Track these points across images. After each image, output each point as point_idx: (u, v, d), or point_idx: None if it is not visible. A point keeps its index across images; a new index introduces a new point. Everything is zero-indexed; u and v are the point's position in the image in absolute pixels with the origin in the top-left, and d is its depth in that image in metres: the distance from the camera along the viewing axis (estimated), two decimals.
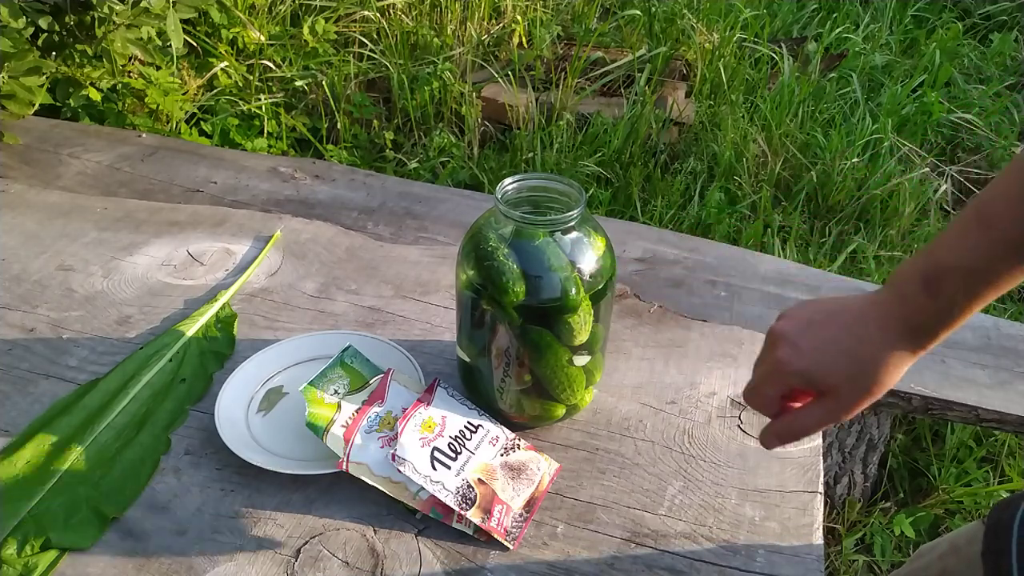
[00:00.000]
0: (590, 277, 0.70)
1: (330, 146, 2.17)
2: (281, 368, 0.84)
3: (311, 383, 0.75)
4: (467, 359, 0.78)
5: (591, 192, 2.01)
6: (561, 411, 0.78)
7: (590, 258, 0.71)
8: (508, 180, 0.71)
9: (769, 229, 1.94)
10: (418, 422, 0.72)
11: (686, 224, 1.97)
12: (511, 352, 0.72)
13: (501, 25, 2.59)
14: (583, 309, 0.70)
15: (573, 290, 0.69)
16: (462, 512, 0.68)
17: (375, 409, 0.73)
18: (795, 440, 0.58)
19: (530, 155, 2.13)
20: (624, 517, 0.71)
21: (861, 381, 0.54)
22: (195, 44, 2.20)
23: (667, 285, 1.09)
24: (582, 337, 0.71)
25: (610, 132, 2.19)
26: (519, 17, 2.56)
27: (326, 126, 2.23)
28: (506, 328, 0.70)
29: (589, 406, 0.82)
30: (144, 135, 1.45)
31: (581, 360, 0.74)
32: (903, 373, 0.55)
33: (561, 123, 2.19)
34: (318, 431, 0.71)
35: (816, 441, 0.79)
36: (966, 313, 0.53)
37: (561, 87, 2.28)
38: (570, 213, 0.69)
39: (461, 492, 0.69)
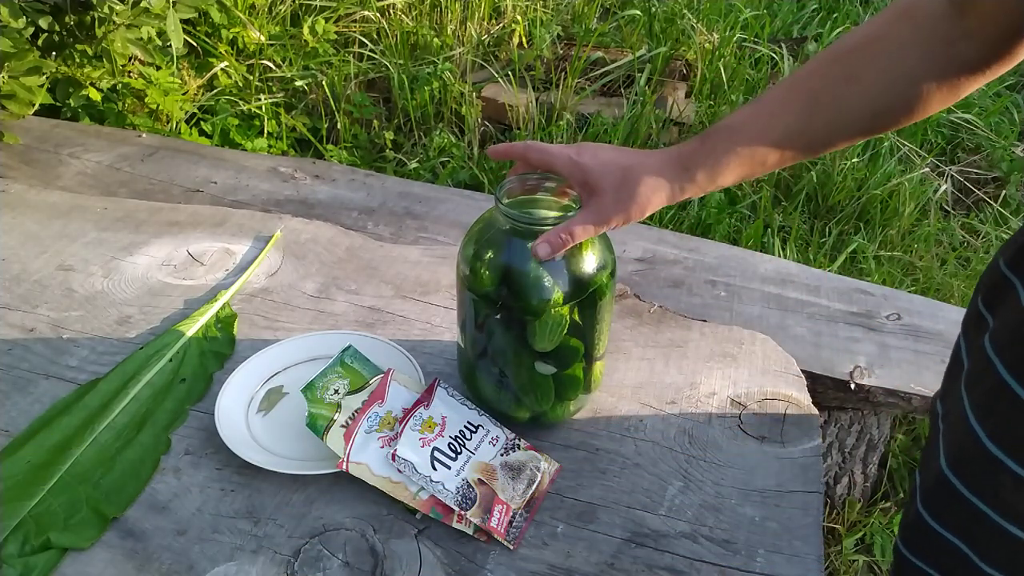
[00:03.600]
0: (589, 277, 0.70)
1: (330, 146, 2.17)
2: (281, 368, 0.84)
3: (311, 383, 0.75)
4: (466, 356, 0.78)
5: None
6: (560, 412, 0.77)
7: (590, 258, 0.71)
8: (509, 180, 0.71)
9: (769, 229, 1.94)
10: (418, 422, 0.72)
11: (686, 224, 1.97)
12: (507, 352, 0.72)
13: (501, 25, 2.59)
14: (550, 317, 0.69)
15: (537, 295, 0.68)
16: (462, 512, 0.68)
17: (375, 409, 0.73)
18: (563, 245, 0.66)
19: None
20: (624, 517, 0.71)
21: (624, 192, 0.64)
22: (195, 44, 2.20)
23: (667, 285, 1.09)
24: (543, 344, 0.71)
25: (610, 132, 2.19)
26: (519, 17, 2.56)
27: (326, 126, 2.23)
28: (483, 320, 0.71)
29: (589, 406, 0.81)
30: (144, 135, 1.45)
31: (545, 369, 0.73)
32: (659, 203, 0.65)
33: (561, 123, 2.19)
34: (318, 431, 0.71)
35: (816, 441, 0.79)
36: (725, 168, 0.64)
37: (561, 87, 2.28)
38: (570, 214, 0.69)
39: (461, 492, 0.69)
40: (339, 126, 2.21)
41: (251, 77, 2.22)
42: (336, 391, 0.75)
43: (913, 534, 0.62)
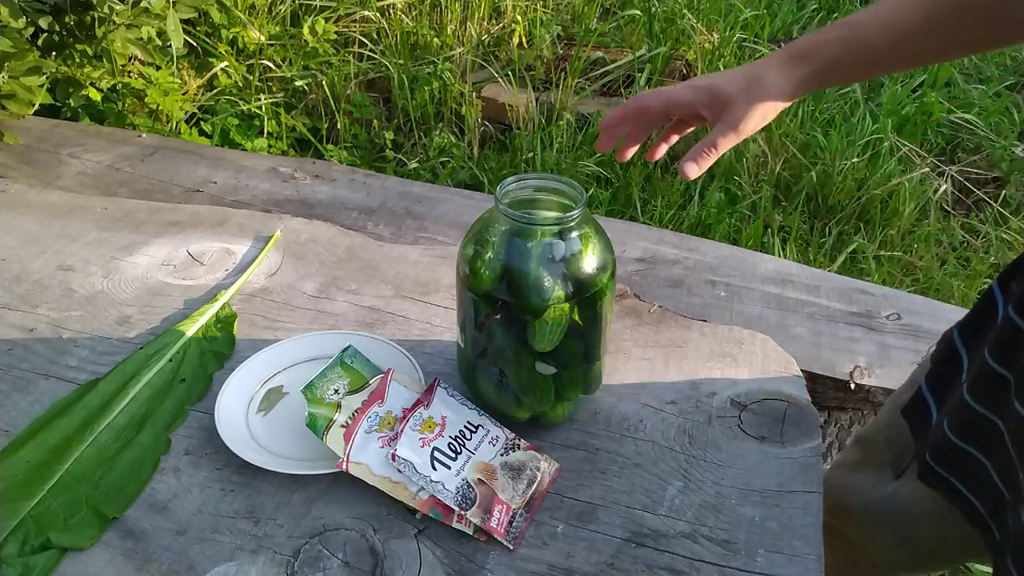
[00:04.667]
0: (590, 277, 0.70)
1: (330, 146, 2.17)
2: (281, 368, 0.84)
3: (311, 383, 0.75)
4: (466, 356, 0.78)
5: (591, 192, 2.01)
6: (560, 412, 0.77)
7: (590, 258, 0.71)
8: (509, 180, 0.71)
9: (769, 229, 1.94)
10: (418, 422, 0.72)
11: (686, 224, 1.98)
12: (507, 352, 0.72)
13: (501, 25, 2.59)
14: (550, 317, 0.69)
15: (537, 295, 0.68)
16: (462, 512, 0.68)
17: (375, 409, 0.73)
18: (709, 160, 0.67)
19: (530, 155, 2.13)
20: (624, 517, 0.71)
21: (754, 92, 0.66)
22: (195, 44, 2.20)
23: (667, 285, 1.09)
24: (542, 344, 0.71)
25: None
26: (519, 17, 2.56)
27: (326, 126, 2.23)
28: (484, 319, 0.71)
29: (589, 407, 0.81)
30: (144, 135, 1.45)
31: (545, 369, 0.73)
32: (783, 100, 0.67)
33: (561, 123, 2.19)
34: (318, 431, 0.71)
35: (816, 441, 0.79)
36: (836, 67, 0.66)
37: (561, 87, 2.28)
38: (570, 213, 0.69)
39: (461, 492, 0.69)
40: (339, 126, 2.21)
41: (251, 77, 2.22)
42: (336, 391, 0.75)
43: (938, 449, 0.71)
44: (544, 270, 0.69)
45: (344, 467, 0.69)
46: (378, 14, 2.45)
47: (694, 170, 0.67)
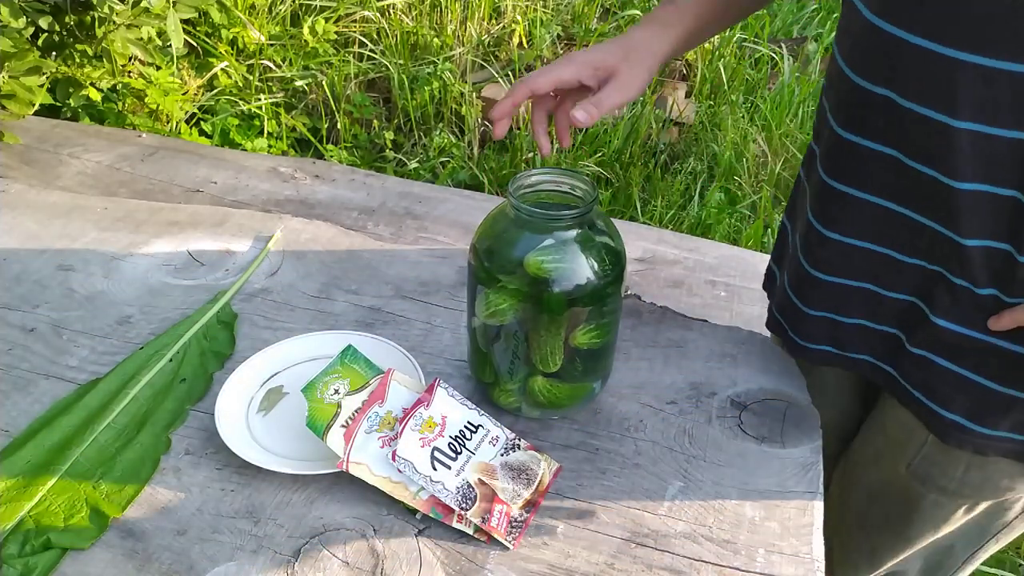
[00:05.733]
0: (602, 267, 0.71)
1: (330, 146, 2.17)
2: (281, 368, 0.84)
3: (311, 383, 0.75)
4: (479, 346, 0.78)
5: None
6: (569, 392, 0.77)
7: (602, 249, 0.71)
8: (521, 174, 0.72)
9: (769, 229, 1.94)
10: (418, 422, 0.72)
11: (686, 224, 1.98)
12: (519, 335, 0.73)
13: (501, 25, 2.59)
14: (564, 309, 0.71)
15: (551, 287, 0.70)
16: (462, 512, 0.68)
17: (375, 409, 0.73)
18: (600, 112, 0.74)
19: (530, 155, 2.13)
20: (624, 517, 0.71)
21: (633, 57, 0.76)
22: (195, 44, 2.20)
23: (667, 285, 1.09)
24: (552, 356, 0.73)
25: (610, 132, 2.19)
26: (519, 17, 2.56)
27: (326, 126, 2.23)
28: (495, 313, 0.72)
29: (590, 406, 0.82)
30: (144, 135, 1.45)
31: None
32: (661, 60, 0.79)
33: None
34: (318, 431, 0.71)
35: (817, 441, 0.79)
36: (695, 14, 0.79)
37: None
38: (583, 207, 0.69)
39: (461, 492, 0.69)
40: (339, 126, 2.21)
41: (251, 77, 2.22)
42: (336, 391, 0.75)
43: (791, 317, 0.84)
44: (557, 262, 0.69)
45: (344, 467, 0.69)
46: (378, 14, 2.46)
47: (585, 117, 0.73)
